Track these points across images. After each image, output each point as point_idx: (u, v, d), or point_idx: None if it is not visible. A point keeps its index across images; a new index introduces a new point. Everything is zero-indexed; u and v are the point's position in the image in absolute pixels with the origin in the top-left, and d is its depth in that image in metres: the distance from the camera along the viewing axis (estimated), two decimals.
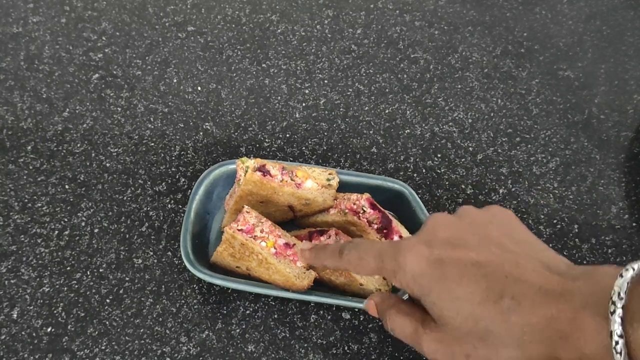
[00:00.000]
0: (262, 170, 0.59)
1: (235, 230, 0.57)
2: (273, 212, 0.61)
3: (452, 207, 0.68)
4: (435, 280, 0.44)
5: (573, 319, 0.40)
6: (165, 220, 0.68)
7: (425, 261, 0.45)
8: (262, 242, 0.57)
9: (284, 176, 0.59)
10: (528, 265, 0.43)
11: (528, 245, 0.45)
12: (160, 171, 0.71)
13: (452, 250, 0.45)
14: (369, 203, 0.60)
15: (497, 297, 0.42)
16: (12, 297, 0.63)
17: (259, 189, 0.59)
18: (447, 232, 0.46)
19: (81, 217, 0.68)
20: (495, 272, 0.43)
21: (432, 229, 0.47)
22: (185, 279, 0.64)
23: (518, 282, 0.42)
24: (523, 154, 0.71)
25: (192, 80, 0.78)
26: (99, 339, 0.61)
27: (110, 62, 0.80)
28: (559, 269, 0.43)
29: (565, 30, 0.80)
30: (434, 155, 0.71)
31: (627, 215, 0.66)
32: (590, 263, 0.64)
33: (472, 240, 0.46)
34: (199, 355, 0.60)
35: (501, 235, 0.46)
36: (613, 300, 0.38)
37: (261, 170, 0.59)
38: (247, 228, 0.57)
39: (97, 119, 0.75)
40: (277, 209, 0.60)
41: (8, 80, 0.79)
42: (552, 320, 0.40)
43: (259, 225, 0.57)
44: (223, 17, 0.83)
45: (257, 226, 0.57)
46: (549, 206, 0.67)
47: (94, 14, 0.84)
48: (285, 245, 0.58)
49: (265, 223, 0.58)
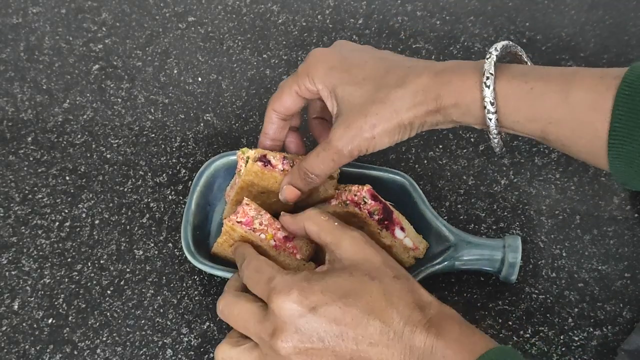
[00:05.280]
0: (263, 160, 0.59)
1: (234, 222, 0.56)
2: (274, 202, 0.61)
3: (453, 199, 0.68)
4: None
5: (457, 71, 0.52)
6: (166, 212, 0.68)
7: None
8: (262, 235, 0.57)
9: (285, 166, 0.59)
10: None
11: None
12: (160, 162, 0.71)
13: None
14: (370, 194, 0.60)
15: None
16: (12, 289, 0.63)
17: (260, 180, 0.59)
18: None
19: (82, 208, 0.68)
20: None
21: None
22: (186, 270, 0.64)
23: None
24: (525, 144, 0.71)
25: (192, 71, 0.78)
26: (100, 330, 0.61)
27: (110, 53, 0.80)
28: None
29: (567, 20, 0.79)
30: (435, 146, 0.71)
31: (629, 207, 0.66)
32: (592, 255, 0.64)
33: None
34: (200, 347, 0.60)
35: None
36: (485, 68, 0.50)
37: (262, 161, 0.58)
38: (246, 220, 0.57)
39: (97, 110, 0.75)
40: (278, 200, 0.60)
41: (8, 72, 0.79)
42: (438, 74, 0.52)
43: (258, 217, 0.57)
44: (223, 7, 0.83)
45: (256, 218, 0.57)
46: (551, 197, 0.67)
47: (93, 4, 0.84)
48: (284, 238, 0.58)
49: (264, 215, 0.57)
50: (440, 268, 0.60)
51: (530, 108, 0.50)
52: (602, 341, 0.59)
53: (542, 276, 0.63)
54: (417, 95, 0.52)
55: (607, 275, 0.63)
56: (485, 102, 0.50)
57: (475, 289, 0.62)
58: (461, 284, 0.63)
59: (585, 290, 0.62)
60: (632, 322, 0.60)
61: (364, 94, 0.53)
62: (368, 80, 0.54)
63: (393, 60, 0.56)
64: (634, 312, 0.60)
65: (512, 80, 0.51)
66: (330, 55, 0.57)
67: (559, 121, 0.50)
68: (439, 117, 0.53)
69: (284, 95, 0.58)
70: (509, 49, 0.54)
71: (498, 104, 0.50)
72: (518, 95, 0.50)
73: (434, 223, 0.62)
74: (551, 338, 0.59)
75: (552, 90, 0.50)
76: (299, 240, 0.58)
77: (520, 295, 0.62)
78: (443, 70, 0.53)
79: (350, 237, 0.52)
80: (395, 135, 0.54)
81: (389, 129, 0.53)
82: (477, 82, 0.51)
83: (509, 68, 0.52)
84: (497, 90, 0.50)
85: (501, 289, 0.62)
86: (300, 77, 0.57)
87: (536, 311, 0.61)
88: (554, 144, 0.52)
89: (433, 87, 0.52)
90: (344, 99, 0.54)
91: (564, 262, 0.63)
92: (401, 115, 0.52)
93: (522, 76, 0.51)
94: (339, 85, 0.55)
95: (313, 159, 0.56)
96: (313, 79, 0.56)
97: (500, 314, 0.61)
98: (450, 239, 0.61)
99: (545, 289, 0.62)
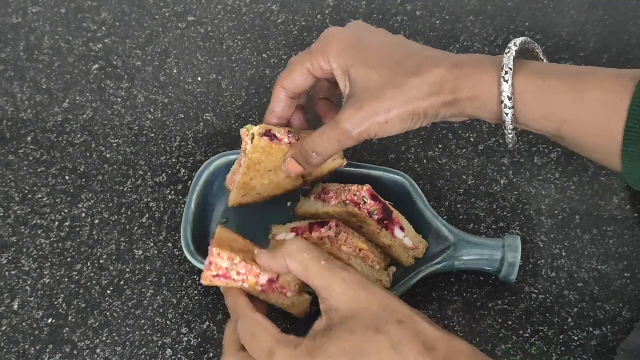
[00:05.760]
0: (268, 135, 0.57)
1: (210, 279, 0.52)
2: (283, 180, 0.60)
3: (453, 198, 0.68)
4: None
5: (475, 65, 0.52)
6: (165, 212, 0.68)
7: None
8: (244, 284, 0.53)
9: (291, 139, 0.58)
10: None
11: None
12: (160, 162, 0.71)
13: None
14: (370, 194, 0.60)
15: None
16: (12, 289, 0.63)
17: (268, 155, 0.57)
18: None
19: (82, 208, 0.68)
20: None
21: None
22: (186, 270, 0.64)
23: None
24: (525, 144, 0.71)
25: (192, 71, 0.78)
26: (99, 330, 0.61)
27: (110, 53, 0.80)
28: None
29: (567, 20, 0.79)
30: (435, 146, 0.71)
31: (629, 206, 0.66)
32: (591, 255, 0.64)
33: None
34: (200, 346, 0.60)
35: None
36: (504, 63, 0.50)
37: (268, 135, 0.57)
38: (222, 273, 0.52)
39: (97, 110, 0.75)
40: (287, 177, 0.59)
41: (8, 71, 0.79)
42: (456, 66, 0.52)
43: (233, 267, 0.52)
44: (223, 7, 0.83)
45: (231, 270, 0.52)
46: (551, 197, 0.67)
47: (93, 4, 0.84)
48: (269, 281, 0.53)
49: (239, 264, 0.52)
50: (440, 268, 0.60)
51: (547, 106, 0.50)
52: (601, 341, 0.59)
53: (542, 276, 0.63)
54: (434, 86, 0.52)
55: (607, 275, 0.63)
56: (503, 97, 0.50)
57: (475, 288, 0.62)
58: (461, 283, 0.63)
59: (585, 290, 0.62)
60: (631, 321, 0.60)
61: (379, 78, 0.53)
62: (385, 65, 0.53)
63: (410, 48, 0.56)
64: (634, 311, 0.60)
65: (529, 76, 0.50)
66: (347, 35, 0.56)
67: (575, 120, 0.50)
68: (453, 110, 0.53)
69: (295, 73, 0.57)
70: (526, 45, 0.53)
71: (515, 99, 0.50)
72: (535, 92, 0.50)
73: (434, 223, 0.62)
74: (551, 338, 0.59)
75: (568, 89, 0.50)
76: (286, 276, 0.53)
77: (520, 295, 0.62)
78: (461, 62, 0.52)
79: (341, 281, 0.48)
80: (408, 122, 0.53)
81: (403, 115, 0.52)
82: (495, 77, 0.50)
83: (527, 64, 0.52)
84: (515, 86, 0.50)
85: (501, 288, 0.62)
86: (315, 54, 0.56)
87: (536, 311, 0.61)
88: (569, 143, 0.52)
89: (451, 79, 0.51)
90: (358, 81, 0.54)
91: (563, 261, 0.63)
92: (417, 103, 0.52)
93: (540, 73, 0.51)
94: (354, 66, 0.54)
95: (318, 137, 0.55)
96: (328, 58, 0.55)
97: (500, 313, 0.61)
98: (450, 238, 0.61)
99: (545, 288, 0.62)
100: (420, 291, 0.62)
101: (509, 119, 0.51)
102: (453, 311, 0.61)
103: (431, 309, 0.61)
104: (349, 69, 0.54)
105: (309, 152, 0.56)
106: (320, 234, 0.59)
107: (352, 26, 0.58)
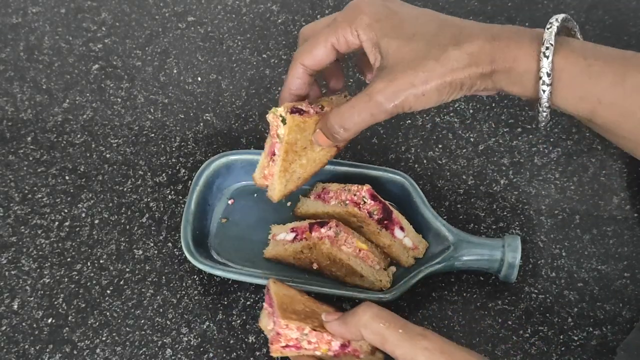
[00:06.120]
0: (296, 110, 0.55)
1: (280, 350, 0.50)
2: (318, 154, 0.58)
3: (453, 198, 0.68)
4: None
5: (514, 37, 0.50)
6: (165, 212, 0.68)
7: None
8: (316, 352, 0.51)
9: (315, 109, 0.56)
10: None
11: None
12: (160, 162, 0.71)
13: None
14: (370, 194, 0.60)
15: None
16: (12, 288, 0.63)
17: (302, 131, 0.55)
18: None
19: (81, 208, 0.68)
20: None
21: None
22: (186, 270, 0.64)
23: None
24: (524, 144, 0.71)
25: (192, 71, 0.78)
26: (99, 329, 0.61)
27: (110, 53, 0.80)
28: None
29: None
30: (435, 146, 0.71)
31: (629, 206, 0.66)
32: (591, 254, 0.64)
33: None
34: (200, 346, 0.60)
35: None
36: (545, 38, 0.49)
37: (296, 111, 0.55)
38: (293, 344, 0.51)
39: (97, 110, 0.75)
40: (321, 149, 0.57)
41: (8, 71, 0.78)
42: (495, 38, 0.50)
43: (304, 337, 0.50)
44: (223, 7, 0.83)
45: (301, 340, 0.50)
46: (551, 197, 0.67)
47: (93, 4, 0.84)
48: (341, 346, 0.51)
49: (310, 334, 0.50)
50: (440, 268, 0.60)
51: (584, 86, 0.49)
52: (601, 341, 0.59)
53: (542, 276, 0.63)
54: (472, 56, 0.50)
55: (607, 275, 0.63)
56: (542, 72, 0.49)
57: (474, 288, 0.62)
58: (461, 283, 0.63)
59: (584, 289, 0.62)
60: (631, 321, 0.60)
61: (413, 50, 0.51)
62: (419, 36, 0.51)
63: (445, 19, 0.54)
64: (634, 311, 0.60)
65: (570, 54, 0.49)
66: (375, 6, 0.53)
67: (610, 103, 0.49)
68: (488, 82, 0.51)
69: (318, 48, 0.54)
70: (565, 23, 0.52)
71: (553, 77, 0.49)
72: (574, 71, 0.49)
73: (434, 223, 0.62)
74: (550, 338, 0.59)
75: (610, 70, 0.49)
76: (357, 341, 0.51)
77: (520, 295, 0.62)
78: (500, 34, 0.51)
79: (423, 350, 0.46)
80: (444, 94, 0.51)
81: (440, 87, 0.50)
82: (535, 52, 0.49)
83: (568, 42, 0.50)
84: (555, 63, 0.49)
85: (501, 288, 0.62)
86: (341, 27, 0.53)
87: (536, 311, 0.61)
88: (600, 127, 0.51)
89: (489, 50, 0.50)
90: (389, 53, 0.51)
91: (563, 261, 0.63)
92: (455, 74, 0.50)
93: (582, 51, 0.50)
94: (384, 38, 0.52)
95: (347, 109, 0.53)
96: (357, 30, 0.52)
97: (499, 313, 0.61)
98: (450, 238, 0.61)
99: (545, 288, 0.62)
100: (420, 291, 0.62)
101: (545, 97, 0.50)
102: (453, 311, 0.61)
103: (431, 309, 0.61)
104: (379, 41, 0.52)
105: (336, 127, 0.53)
106: (320, 234, 0.59)
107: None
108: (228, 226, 0.66)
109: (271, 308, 0.53)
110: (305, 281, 0.61)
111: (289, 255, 0.61)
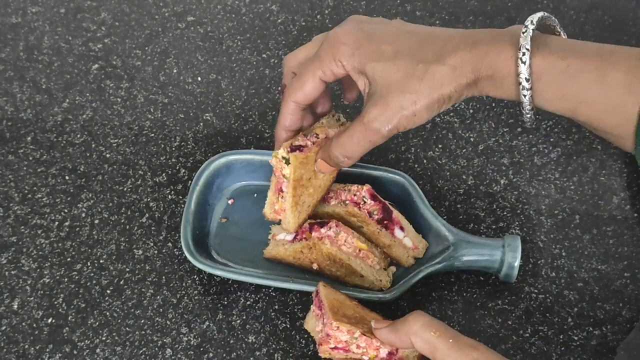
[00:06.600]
0: (296, 148, 0.57)
1: (328, 351, 0.51)
2: (322, 180, 0.60)
3: (452, 198, 0.68)
4: None
5: (492, 43, 0.51)
6: (165, 211, 0.68)
7: None
8: (364, 357, 0.52)
9: (311, 139, 0.58)
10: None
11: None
12: (160, 162, 0.71)
13: None
14: (370, 194, 0.60)
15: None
16: (12, 288, 0.63)
17: (305, 166, 0.57)
18: None
19: (81, 208, 0.68)
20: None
21: None
22: (186, 270, 0.64)
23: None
24: (524, 144, 0.71)
25: (192, 71, 0.78)
26: (99, 329, 0.61)
27: (109, 53, 0.80)
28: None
29: (567, 21, 0.80)
30: (434, 146, 0.71)
31: (629, 206, 0.66)
32: (591, 254, 0.64)
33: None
34: (200, 346, 0.60)
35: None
36: (521, 43, 0.49)
37: (295, 149, 0.57)
38: (342, 346, 0.51)
39: (96, 110, 0.75)
40: (324, 175, 0.59)
41: (7, 71, 0.78)
42: (475, 45, 0.51)
43: (353, 341, 0.51)
44: (223, 7, 0.83)
45: (351, 343, 0.51)
46: (550, 197, 0.67)
47: (93, 4, 0.84)
48: (389, 354, 0.51)
49: (360, 338, 0.51)
50: (439, 268, 0.60)
51: (565, 86, 0.50)
52: (601, 341, 0.59)
53: (542, 276, 0.63)
54: (456, 69, 0.51)
55: (607, 275, 0.63)
56: (520, 78, 0.50)
57: (474, 288, 0.62)
58: (461, 283, 0.63)
59: (584, 289, 0.62)
60: (631, 321, 0.60)
61: (399, 70, 0.52)
62: (401, 55, 0.52)
63: (423, 33, 0.54)
64: (634, 311, 0.60)
65: (548, 56, 0.50)
66: (353, 34, 0.54)
67: (592, 101, 0.49)
68: (474, 90, 0.52)
69: (307, 83, 0.56)
70: (544, 21, 0.52)
71: (533, 80, 0.50)
72: (553, 72, 0.50)
73: (434, 223, 0.62)
74: (550, 337, 0.59)
75: (589, 69, 0.49)
76: (405, 349, 0.52)
77: (520, 294, 0.62)
78: (479, 42, 0.51)
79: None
80: (434, 109, 0.52)
81: (429, 104, 0.52)
82: (513, 57, 0.50)
83: (545, 42, 0.51)
84: (533, 66, 0.50)
85: (501, 288, 0.62)
86: (325, 61, 0.55)
87: (536, 311, 0.61)
88: (583, 123, 0.52)
89: (470, 59, 0.51)
90: (376, 77, 0.53)
91: (563, 261, 0.63)
92: (442, 89, 0.51)
93: (560, 52, 0.50)
94: (368, 64, 0.53)
95: (347, 140, 0.54)
96: (340, 61, 0.54)
97: (499, 313, 0.61)
98: (450, 238, 0.61)
99: (545, 288, 0.62)
100: (420, 291, 0.62)
101: (527, 100, 0.51)
102: (453, 311, 0.61)
103: (431, 309, 0.61)
104: (364, 67, 0.53)
105: (340, 158, 0.56)
106: (320, 234, 0.59)
107: (352, 22, 0.56)
108: (228, 226, 0.66)
109: (320, 310, 0.53)
110: (306, 281, 0.61)
111: (288, 255, 0.61)
